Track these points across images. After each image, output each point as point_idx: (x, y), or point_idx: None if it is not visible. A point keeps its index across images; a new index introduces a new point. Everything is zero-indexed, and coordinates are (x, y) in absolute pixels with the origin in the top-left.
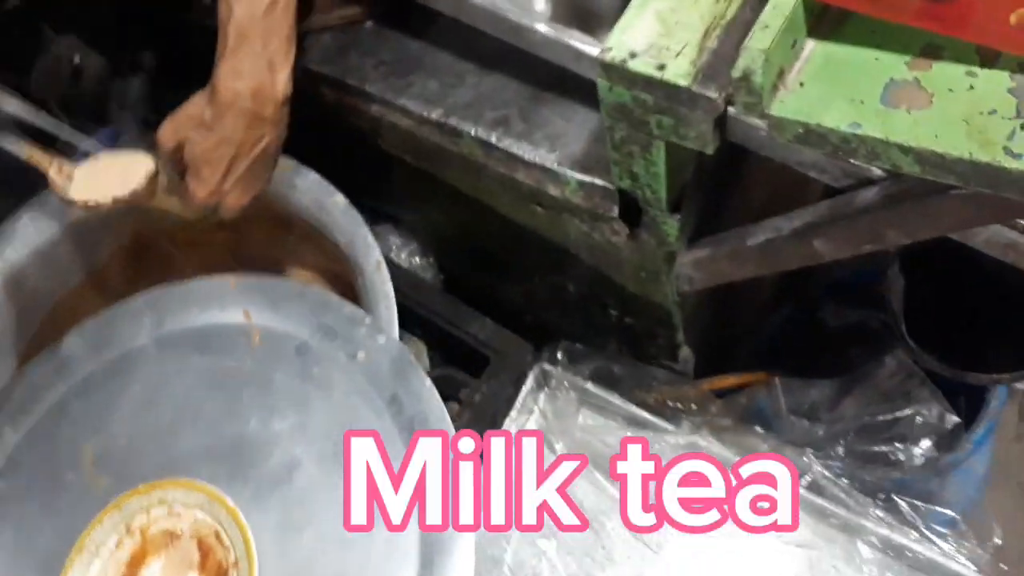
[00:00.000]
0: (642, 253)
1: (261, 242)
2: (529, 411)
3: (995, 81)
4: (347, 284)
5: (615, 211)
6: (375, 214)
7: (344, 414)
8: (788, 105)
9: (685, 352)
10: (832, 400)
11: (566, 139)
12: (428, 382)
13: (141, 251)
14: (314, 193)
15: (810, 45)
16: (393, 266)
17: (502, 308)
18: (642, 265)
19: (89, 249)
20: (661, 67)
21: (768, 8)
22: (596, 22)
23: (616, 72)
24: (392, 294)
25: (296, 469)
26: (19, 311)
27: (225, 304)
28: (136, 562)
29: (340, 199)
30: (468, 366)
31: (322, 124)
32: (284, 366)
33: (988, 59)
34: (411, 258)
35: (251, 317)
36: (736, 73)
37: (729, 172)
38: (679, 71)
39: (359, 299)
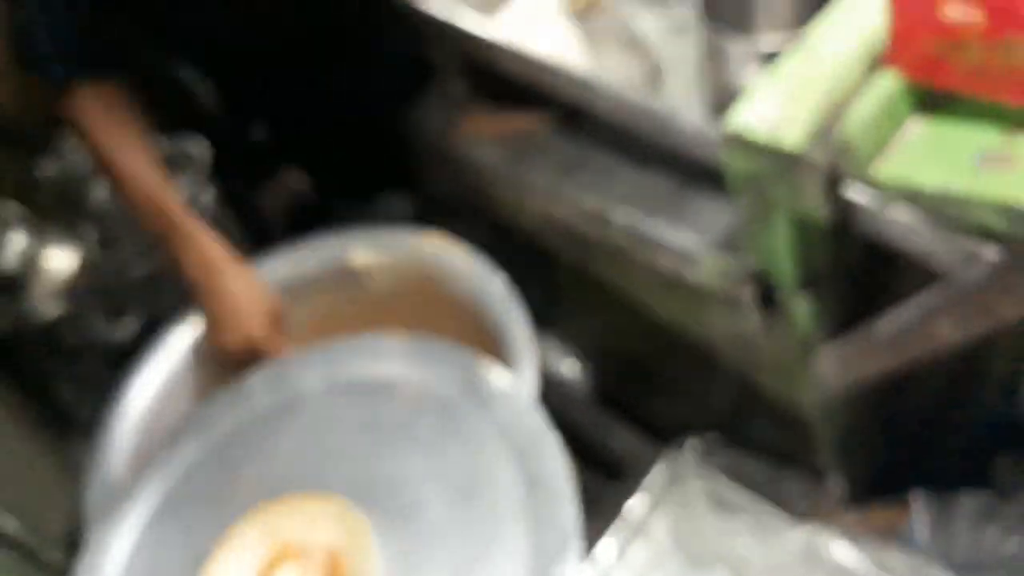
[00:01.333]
0: (777, 342)
1: (424, 312)
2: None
3: None
4: (494, 351)
5: (749, 293)
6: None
7: (475, 464)
8: (888, 170)
9: (834, 480)
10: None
11: (704, 227)
12: (557, 446)
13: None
14: (480, 275)
15: (912, 121)
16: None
17: (647, 423)
18: (779, 359)
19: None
20: (776, 136)
21: (873, 91)
22: None
23: (739, 141)
24: (536, 363)
25: (427, 507)
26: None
27: (386, 360)
28: (272, 563)
29: (501, 281)
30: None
31: (493, 230)
32: (429, 417)
33: None
34: (565, 367)
35: (406, 373)
36: (840, 140)
37: (874, 279)
38: (791, 140)
39: (506, 365)
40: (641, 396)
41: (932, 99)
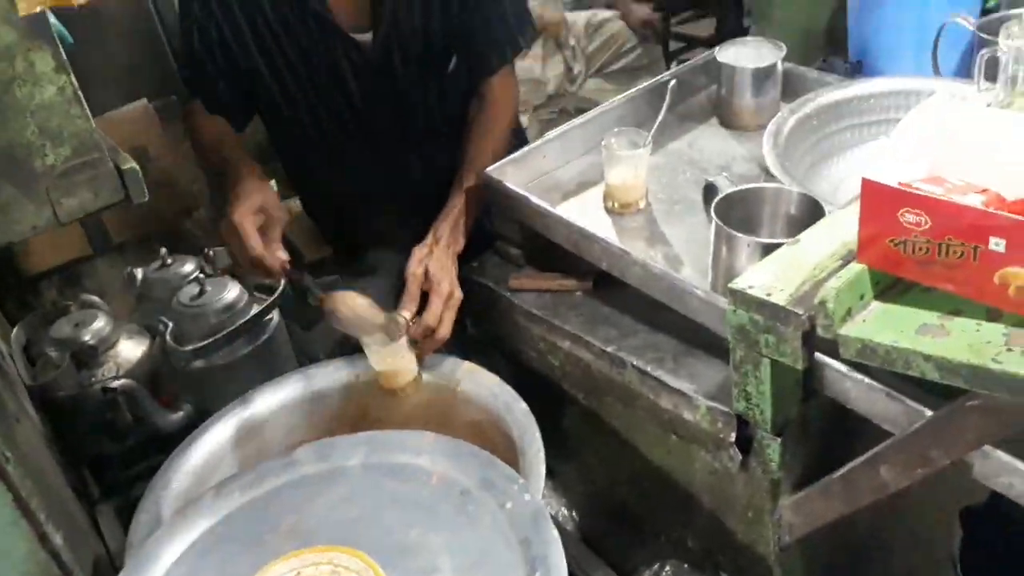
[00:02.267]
0: (751, 485)
1: (453, 423)
2: None
3: (995, 329)
4: (511, 461)
5: (732, 436)
6: None
7: (485, 543)
8: (851, 330)
9: None
10: None
11: (702, 379)
12: (556, 536)
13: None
14: (506, 398)
15: (873, 303)
16: None
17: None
18: (751, 501)
19: (320, 413)
20: (769, 295)
21: (845, 274)
22: None
23: (739, 296)
24: (543, 472)
25: (438, 573)
26: (255, 453)
27: (420, 451)
28: None
29: (523, 405)
30: None
31: (520, 373)
32: (450, 500)
33: (993, 317)
34: (557, 511)
35: (435, 463)
36: (817, 300)
37: (833, 434)
38: (780, 297)
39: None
40: (623, 543)
41: (889, 284)
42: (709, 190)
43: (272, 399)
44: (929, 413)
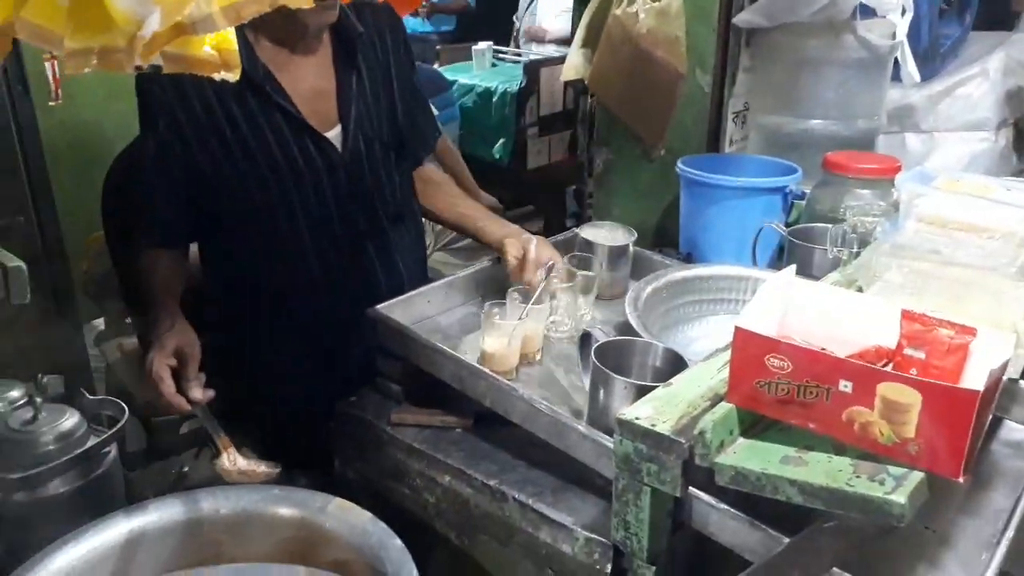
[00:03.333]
0: None
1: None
2: None
3: (843, 461)
4: None
5: (608, 567)
6: None
7: None
8: (725, 460)
9: None
10: None
11: (580, 512)
12: None
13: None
14: (380, 535)
15: (740, 439)
16: None
17: None
18: None
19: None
20: (653, 424)
21: (718, 411)
22: None
23: (627, 426)
24: None
25: None
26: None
27: None
28: None
29: (398, 542)
30: None
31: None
32: None
33: (840, 450)
34: None
35: None
36: (696, 430)
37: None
38: (663, 427)
39: None
40: None
41: (753, 423)
42: (586, 339)
43: (103, 537)
44: (786, 540)
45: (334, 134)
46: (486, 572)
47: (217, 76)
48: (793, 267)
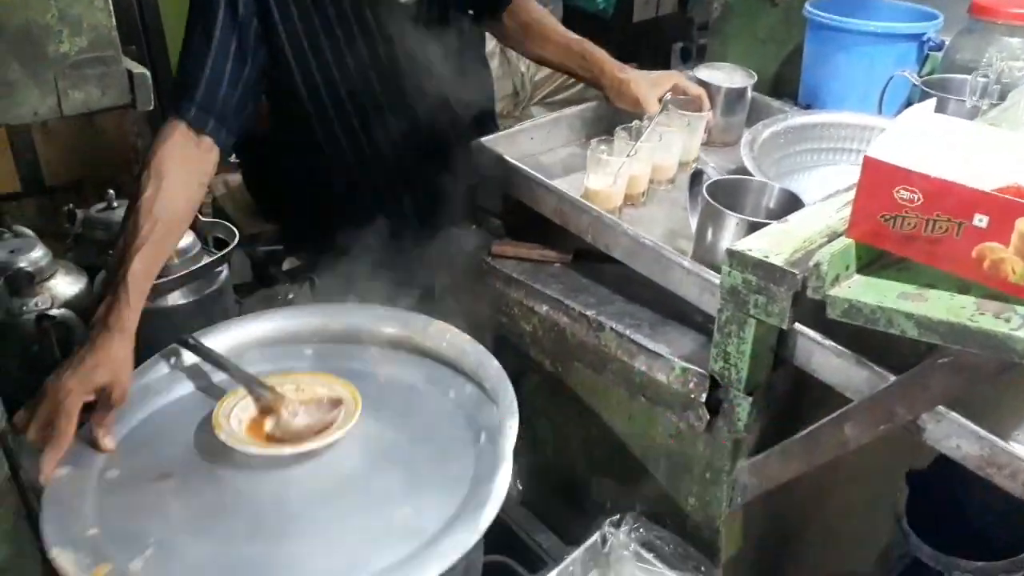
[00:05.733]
0: (713, 445)
1: None
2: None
3: (967, 299)
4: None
5: (704, 396)
6: None
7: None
8: (839, 293)
9: None
10: None
11: (676, 345)
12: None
13: None
14: (478, 355)
15: (856, 275)
16: None
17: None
18: (711, 462)
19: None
20: (766, 256)
21: (835, 244)
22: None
23: (737, 257)
24: (516, 421)
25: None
26: None
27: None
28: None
29: (495, 361)
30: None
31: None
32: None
33: (963, 290)
34: None
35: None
36: (812, 262)
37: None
38: (777, 259)
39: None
40: (567, 511)
41: (871, 261)
42: (696, 177)
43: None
44: (893, 378)
45: None
46: (579, 398)
47: None
48: (932, 101)
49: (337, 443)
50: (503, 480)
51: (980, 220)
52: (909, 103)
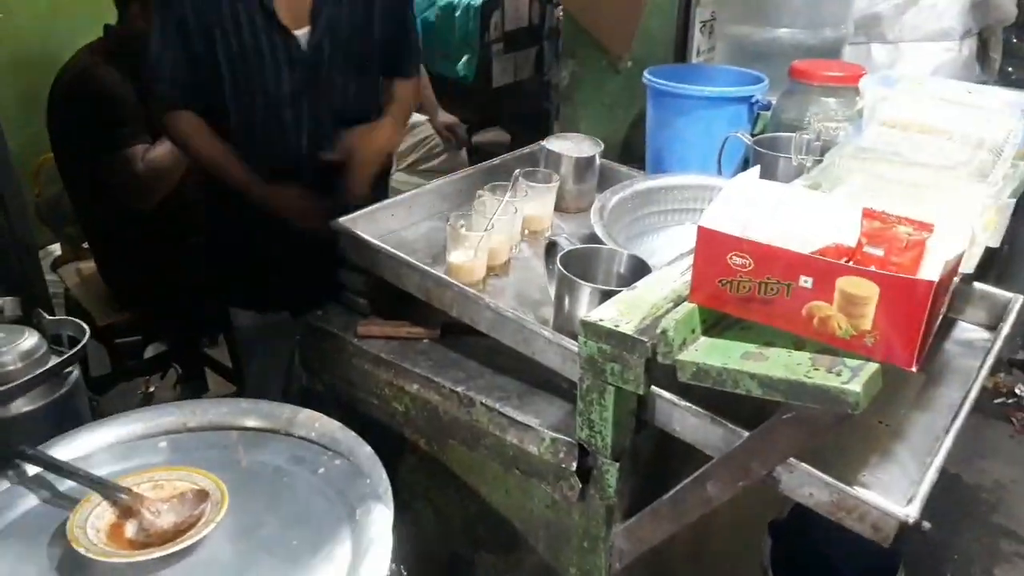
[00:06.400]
0: (588, 513)
1: None
2: None
3: (802, 356)
4: None
5: (574, 465)
6: None
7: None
8: (687, 357)
9: None
10: None
11: (545, 415)
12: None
13: None
14: (349, 442)
15: (702, 337)
16: None
17: None
18: (587, 530)
19: None
20: (617, 325)
21: (680, 310)
22: None
23: (591, 328)
24: (392, 510)
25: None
26: None
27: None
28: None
29: (367, 448)
30: None
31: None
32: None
33: (799, 346)
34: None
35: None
36: (659, 329)
37: (660, 477)
38: (627, 328)
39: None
40: None
41: (713, 323)
42: (551, 247)
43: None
44: (746, 434)
45: (302, 32)
46: (456, 475)
47: None
48: (757, 168)
49: (207, 538)
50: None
51: (806, 281)
52: (746, 160)
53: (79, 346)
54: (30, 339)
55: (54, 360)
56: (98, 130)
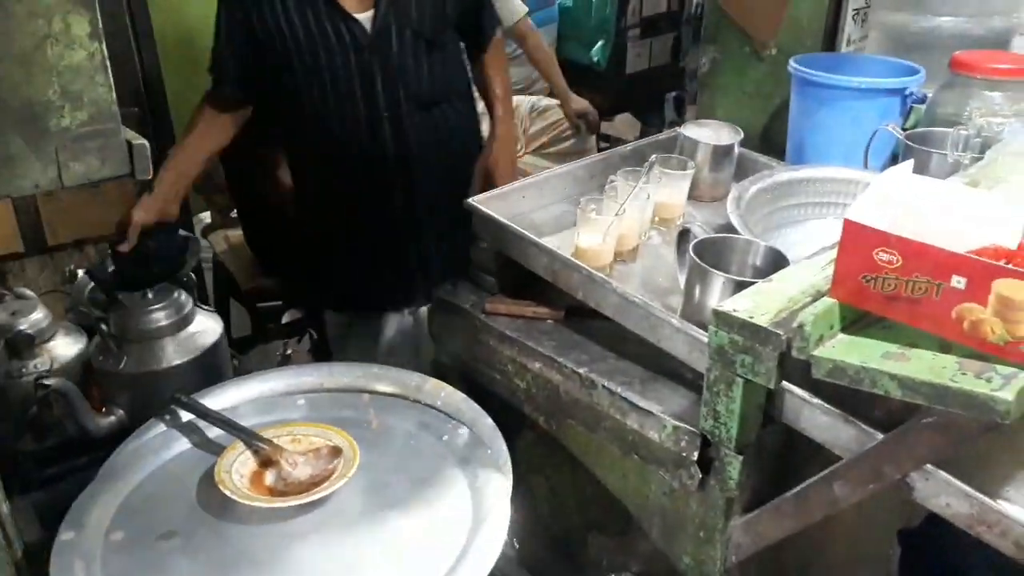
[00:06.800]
0: (706, 504)
1: None
2: None
3: (948, 359)
4: None
5: (695, 455)
6: None
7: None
8: (823, 353)
9: None
10: None
11: (668, 403)
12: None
13: None
14: (472, 413)
15: (840, 334)
16: None
17: None
18: (704, 520)
19: None
20: (751, 316)
21: (819, 304)
22: None
23: (723, 318)
24: (511, 480)
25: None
26: None
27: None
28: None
29: (489, 420)
30: None
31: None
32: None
33: (944, 349)
34: None
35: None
36: (795, 323)
37: (785, 474)
38: (762, 320)
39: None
40: (564, 570)
41: (854, 320)
42: (684, 235)
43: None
44: (880, 436)
45: (365, 16)
46: (573, 455)
47: None
48: (911, 162)
49: (339, 492)
50: (496, 542)
51: (958, 282)
52: (894, 156)
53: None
54: (179, 295)
55: (201, 314)
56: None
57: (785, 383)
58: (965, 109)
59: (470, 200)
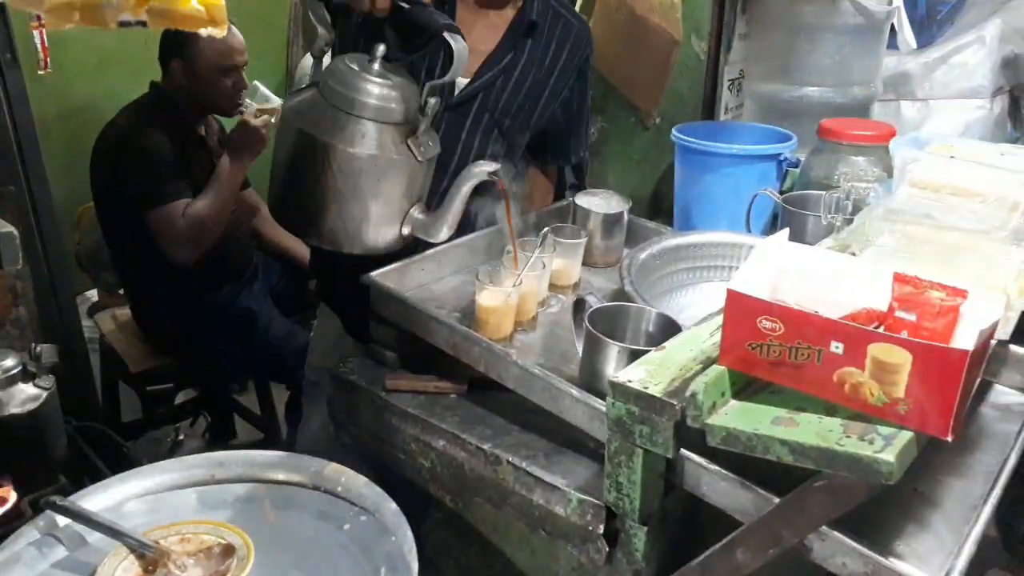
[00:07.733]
0: (616, 574)
1: None
2: None
3: (834, 422)
4: None
5: (601, 528)
6: None
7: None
8: (717, 421)
9: None
10: None
11: (572, 475)
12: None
13: None
14: (375, 498)
15: (732, 400)
16: None
17: None
18: None
19: None
20: (646, 387)
21: (710, 373)
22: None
23: (619, 389)
24: (416, 569)
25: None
26: None
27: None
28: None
29: (393, 504)
30: None
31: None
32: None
33: (830, 411)
34: None
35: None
36: (688, 392)
37: (689, 541)
38: (655, 390)
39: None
40: None
41: (743, 386)
42: (579, 304)
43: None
44: (777, 500)
45: (461, 81)
46: (480, 534)
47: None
48: (786, 231)
49: None
50: None
51: (836, 347)
52: (775, 216)
53: None
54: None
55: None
56: (141, 186)
57: (684, 451)
58: (835, 173)
59: (369, 275)
